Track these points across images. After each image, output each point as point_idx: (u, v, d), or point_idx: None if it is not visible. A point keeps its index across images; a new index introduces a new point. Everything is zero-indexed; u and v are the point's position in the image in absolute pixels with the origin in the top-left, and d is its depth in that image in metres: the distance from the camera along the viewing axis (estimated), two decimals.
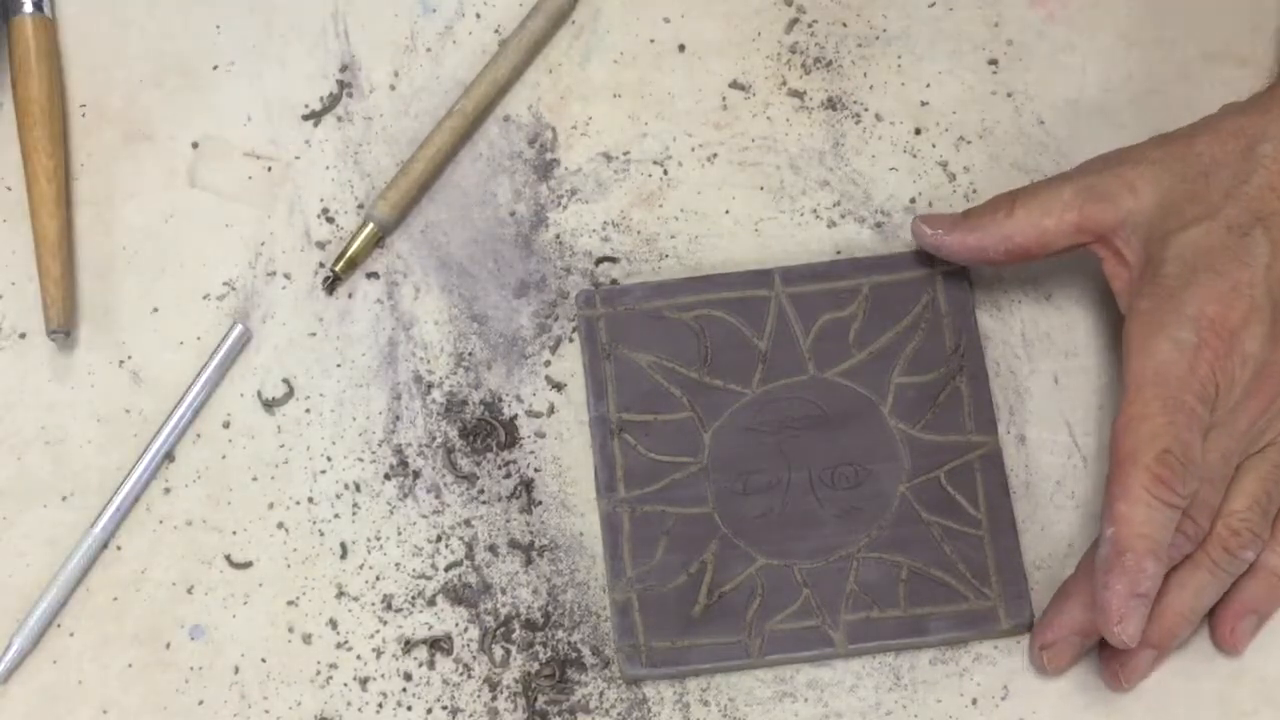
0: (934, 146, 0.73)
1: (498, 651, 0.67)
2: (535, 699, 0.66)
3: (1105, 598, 0.61)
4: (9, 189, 0.73)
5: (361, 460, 0.69)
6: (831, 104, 0.74)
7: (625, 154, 0.73)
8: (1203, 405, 0.62)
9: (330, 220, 0.73)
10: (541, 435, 0.69)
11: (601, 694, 0.66)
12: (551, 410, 0.70)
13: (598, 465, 0.68)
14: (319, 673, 0.67)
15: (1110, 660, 0.65)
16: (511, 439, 0.69)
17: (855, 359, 0.69)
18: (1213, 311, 0.63)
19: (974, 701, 0.66)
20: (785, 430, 0.68)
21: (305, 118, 0.74)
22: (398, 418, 0.70)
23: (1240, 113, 0.67)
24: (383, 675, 0.67)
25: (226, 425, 0.70)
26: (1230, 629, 0.65)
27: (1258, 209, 0.64)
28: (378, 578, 0.68)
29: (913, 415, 0.68)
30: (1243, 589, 0.65)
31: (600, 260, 0.72)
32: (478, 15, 0.75)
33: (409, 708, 0.66)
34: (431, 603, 0.67)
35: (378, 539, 0.68)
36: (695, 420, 0.68)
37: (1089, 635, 0.64)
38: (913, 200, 0.72)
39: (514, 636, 0.67)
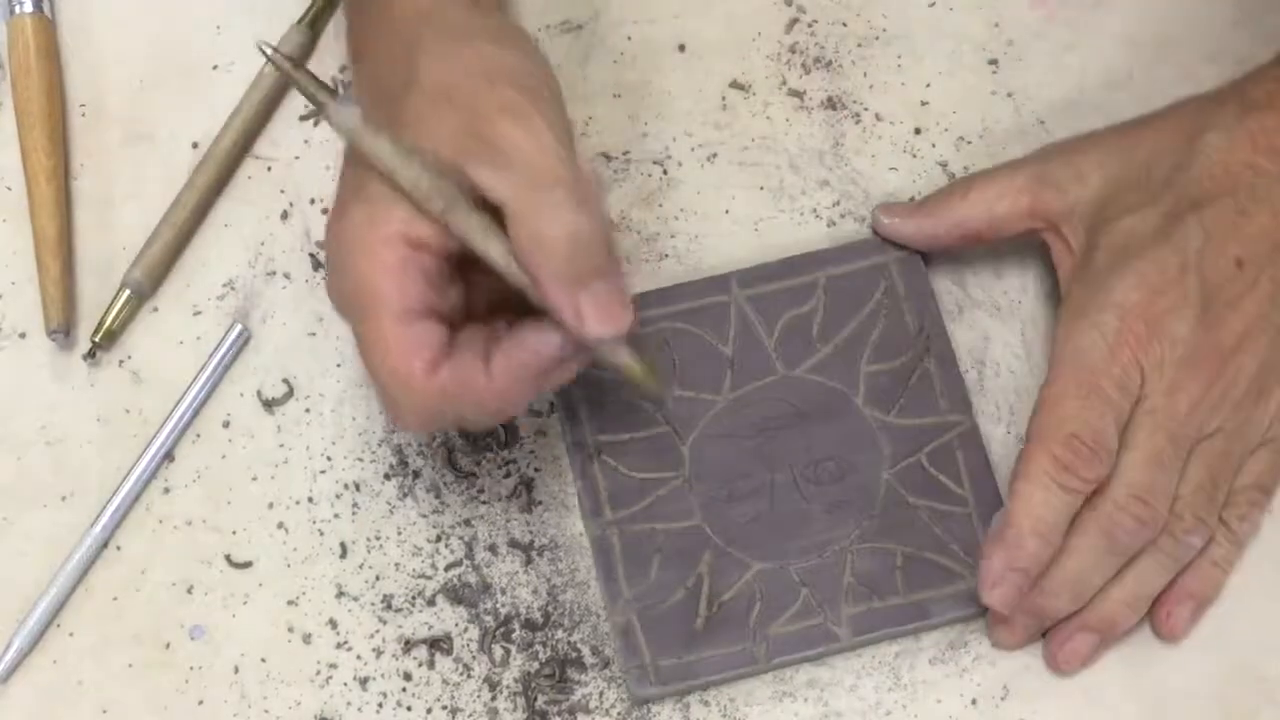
0: (934, 146, 0.73)
1: (498, 651, 0.67)
2: (535, 699, 0.66)
3: (985, 565, 0.64)
4: (9, 189, 0.73)
5: (361, 460, 0.69)
6: (831, 104, 0.74)
7: (625, 154, 0.73)
8: (1120, 392, 0.63)
9: None
10: (542, 434, 0.69)
11: (601, 694, 0.66)
12: (552, 409, 0.70)
13: (580, 490, 0.67)
14: (319, 673, 0.67)
15: (1050, 642, 0.66)
16: (511, 438, 0.69)
17: (821, 353, 0.69)
18: (1136, 298, 0.64)
19: (974, 701, 0.66)
20: (762, 433, 0.68)
21: (304, 118, 0.74)
22: None
23: (1192, 102, 0.68)
24: (383, 675, 0.67)
25: (226, 425, 0.70)
26: (1167, 614, 0.66)
27: (1195, 196, 0.65)
28: (378, 577, 0.68)
29: (886, 402, 0.68)
30: (1182, 575, 0.66)
31: None
32: None
33: (409, 708, 0.66)
34: (431, 602, 0.67)
35: (378, 539, 0.68)
36: (672, 434, 0.68)
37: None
38: (912, 200, 0.72)
39: (514, 636, 0.67)
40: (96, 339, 0.70)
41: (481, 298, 0.61)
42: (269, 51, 0.54)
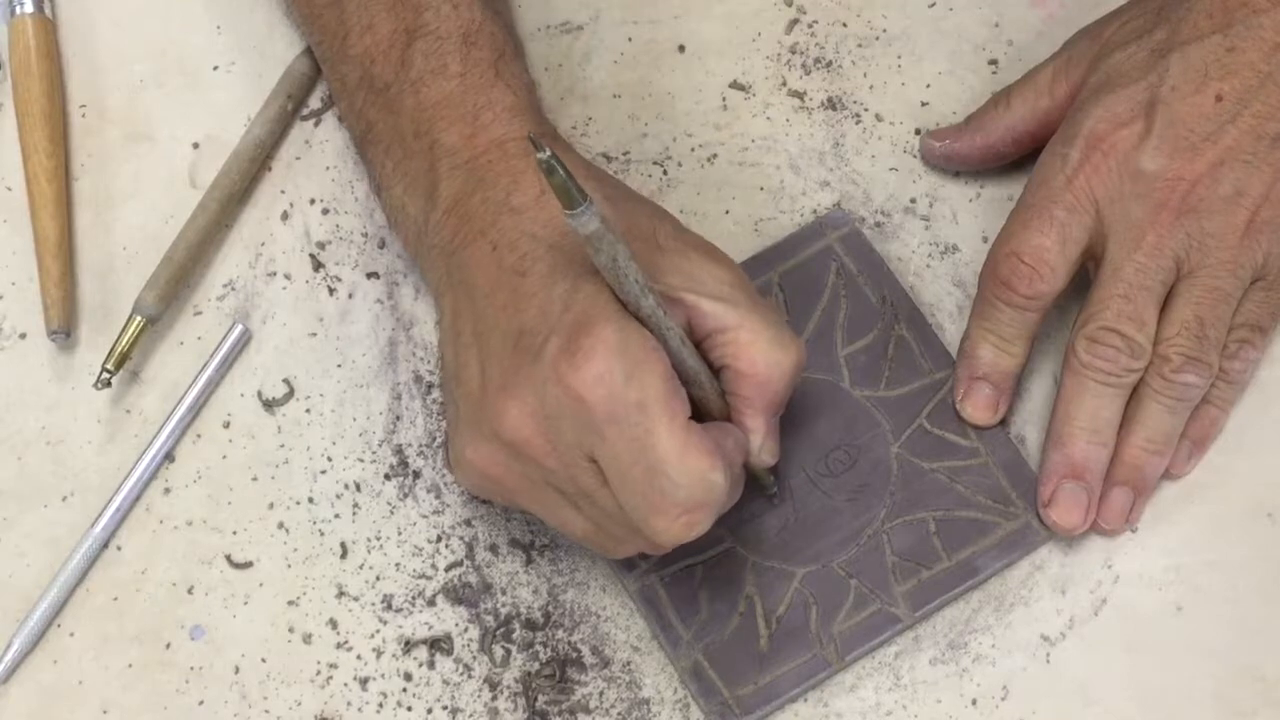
0: None
1: (498, 651, 0.67)
2: (535, 699, 0.66)
3: (955, 376, 0.68)
4: (9, 189, 0.73)
5: (362, 460, 0.69)
6: (831, 104, 0.74)
7: (625, 154, 0.73)
8: (1070, 215, 0.64)
9: (330, 219, 0.72)
10: None
11: (601, 694, 0.66)
12: None
13: None
14: (319, 673, 0.67)
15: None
16: None
17: None
18: (1101, 129, 0.65)
19: (974, 702, 0.66)
20: None
21: (305, 118, 0.74)
22: (398, 418, 0.70)
23: None
24: (383, 675, 0.67)
25: (226, 425, 0.70)
26: None
27: (1186, 34, 0.65)
28: (378, 578, 0.68)
29: (872, 378, 0.69)
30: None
31: None
32: None
33: (409, 708, 0.66)
34: (432, 603, 0.67)
35: (378, 539, 0.68)
36: None
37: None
38: (913, 201, 0.72)
39: (514, 636, 0.67)
40: (109, 366, 0.68)
41: None
42: (541, 154, 0.53)
